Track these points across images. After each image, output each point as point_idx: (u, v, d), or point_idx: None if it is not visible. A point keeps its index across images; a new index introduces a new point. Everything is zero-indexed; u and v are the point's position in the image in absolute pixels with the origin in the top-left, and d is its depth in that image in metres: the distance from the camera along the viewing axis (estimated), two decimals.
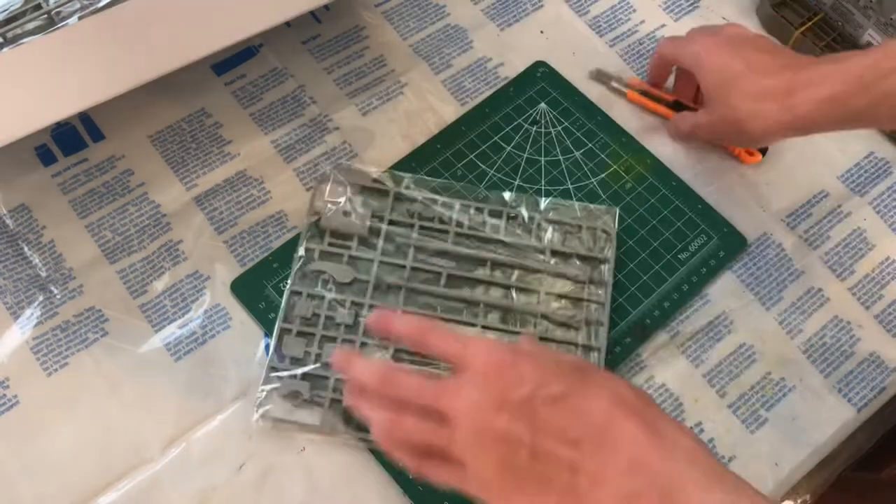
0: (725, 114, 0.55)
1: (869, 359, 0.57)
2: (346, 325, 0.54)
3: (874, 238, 0.60)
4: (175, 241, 0.57)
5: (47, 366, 0.53)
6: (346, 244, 0.56)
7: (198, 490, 0.50)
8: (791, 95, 0.52)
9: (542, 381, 0.39)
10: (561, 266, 0.56)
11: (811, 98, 0.51)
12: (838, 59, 0.52)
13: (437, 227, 0.57)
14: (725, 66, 0.55)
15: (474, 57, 0.66)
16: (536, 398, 0.39)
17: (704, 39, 0.57)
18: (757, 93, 0.53)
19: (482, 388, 0.39)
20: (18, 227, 0.57)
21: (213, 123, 0.62)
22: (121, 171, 0.59)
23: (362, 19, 0.67)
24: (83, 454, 0.51)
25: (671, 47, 0.60)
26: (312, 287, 0.55)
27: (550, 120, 0.63)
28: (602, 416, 0.38)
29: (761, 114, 0.53)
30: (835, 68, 0.51)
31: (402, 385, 0.41)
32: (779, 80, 0.53)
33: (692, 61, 0.58)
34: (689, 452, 0.38)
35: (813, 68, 0.52)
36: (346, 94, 0.63)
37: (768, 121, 0.53)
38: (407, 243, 0.56)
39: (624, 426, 0.38)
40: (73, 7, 0.52)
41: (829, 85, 0.51)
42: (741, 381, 0.55)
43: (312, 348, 0.53)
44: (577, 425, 0.38)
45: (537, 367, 0.40)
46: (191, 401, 0.53)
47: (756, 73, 0.54)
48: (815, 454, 0.54)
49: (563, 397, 0.39)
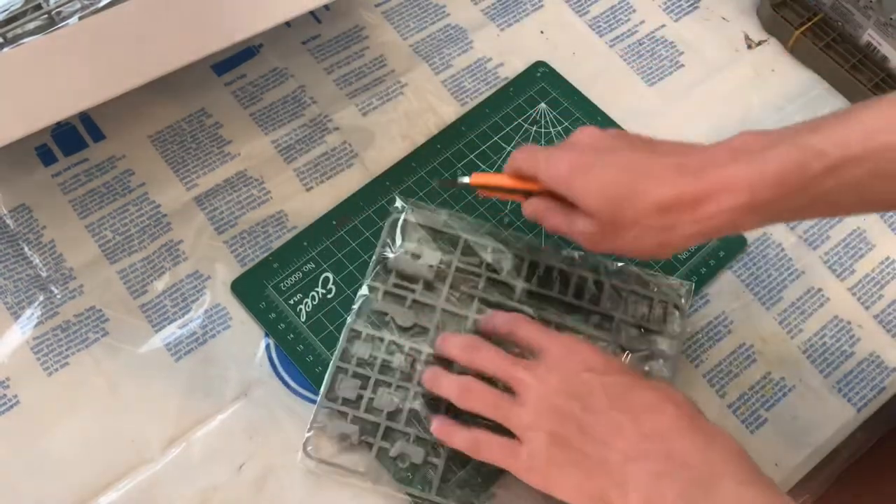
0: (626, 233, 0.45)
1: (869, 359, 0.57)
2: (401, 372, 0.52)
3: (874, 238, 0.60)
4: (175, 241, 0.57)
5: (47, 366, 0.53)
6: (412, 287, 0.54)
7: (198, 490, 0.50)
8: (701, 205, 0.42)
9: (605, 370, 0.45)
10: (628, 339, 0.54)
11: (728, 207, 0.42)
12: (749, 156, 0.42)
13: (505, 280, 0.55)
14: (607, 184, 0.44)
15: (474, 57, 0.66)
16: (595, 382, 0.44)
17: (567, 156, 0.47)
18: (658, 206, 0.43)
19: (552, 369, 0.46)
20: (19, 227, 0.57)
21: (214, 123, 0.62)
22: (121, 171, 0.59)
23: (362, 19, 0.67)
24: (83, 454, 0.51)
25: (525, 163, 0.49)
26: (372, 328, 0.53)
27: (550, 120, 0.63)
28: (649, 405, 0.44)
29: (675, 228, 0.44)
30: (748, 171, 0.41)
31: (483, 355, 0.48)
32: (677, 188, 0.43)
33: (560, 185, 0.47)
34: (727, 449, 0.42)
35: (712, 171, 0.42)
36: (346, 95, 0.64)
37: (687, 233, 0.44)
38: (472, 294, 0.54)
39: (667, 416, 0.43)
40: (73, 7, 0.52)
41: (748, 192, 0.41)
42: (741, 381, 0.55)
43: (366, 391, 0.51)
44: (623, 408, 0.43)
45: (604, 360, 0.46)
46: (191, 401, 0.53)
47: (647, 184, 0.43)
48: (815, 454, 0.54)
49: (619, 385, 0.45)
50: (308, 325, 0.55)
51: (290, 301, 0.55)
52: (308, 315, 0.55)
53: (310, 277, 0.56)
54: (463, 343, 0.50)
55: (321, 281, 0.56)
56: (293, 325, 0.55)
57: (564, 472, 0.43)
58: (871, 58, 0.65)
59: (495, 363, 0.47)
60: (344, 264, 0.57)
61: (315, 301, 0.55)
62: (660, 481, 0.41)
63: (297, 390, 0.53)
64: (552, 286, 0.55)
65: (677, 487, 0.41)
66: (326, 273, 0.56)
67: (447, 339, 0.51)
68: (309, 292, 0.56)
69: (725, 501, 0.40)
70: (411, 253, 0.55)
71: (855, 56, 0.65)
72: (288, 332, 0.54)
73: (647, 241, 0.45)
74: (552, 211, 0.48)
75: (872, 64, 0.65)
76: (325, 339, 0.54)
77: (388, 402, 0.51)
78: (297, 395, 0.53)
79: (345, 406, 0.51)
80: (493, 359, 0.48)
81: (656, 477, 0.41)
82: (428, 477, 0.50)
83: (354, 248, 0.57)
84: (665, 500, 0.40)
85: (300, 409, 0.53)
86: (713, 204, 0.42)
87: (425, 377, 0.50)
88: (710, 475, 0.41)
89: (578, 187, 0.45)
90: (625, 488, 0.42)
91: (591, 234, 0.46)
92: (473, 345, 0.49)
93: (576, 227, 0.47)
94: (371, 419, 0.51)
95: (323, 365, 0.53)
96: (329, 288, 0.56)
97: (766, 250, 0.59)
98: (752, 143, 0.43)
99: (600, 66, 0.66)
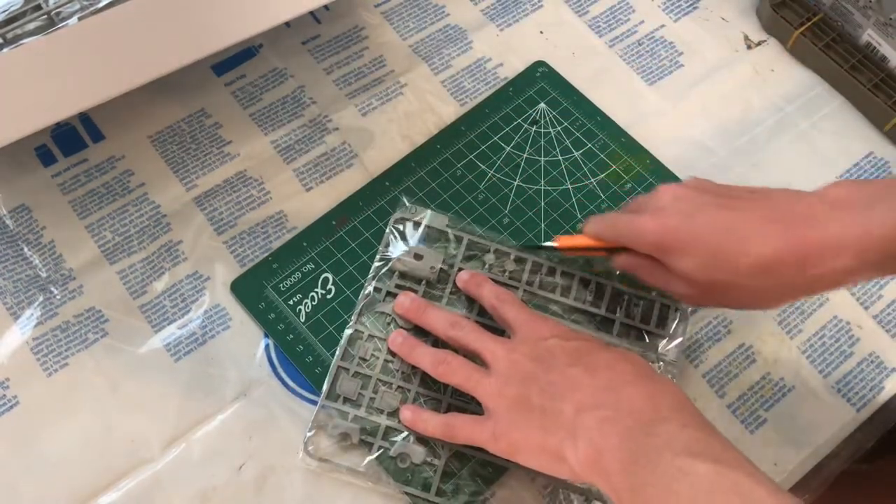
0: (728, 294, 0.45)
1: (868, 359, 0.57)
2: (402, 372, 0.52)
3: None
4: (175, 241, 0.57)
5: (47, 366, 0.53)
6: (414, 288, 0.54)
7: (198, 490, 0.50)
8: (806, 264, 0.42)
9: (566, 337, 0.47)
10: (629, 341, 0.54)
11: (833, 268, 0.41)
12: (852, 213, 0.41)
13: (507, 282, 0.55)
14: (700, 250, 0.44)
15: (474, 57, 0.66)
16: (558, 346, 0.46)
17: (651, 225, 0.46)
18: (760, 268, 0.42)
19: (522, 341, 0.48)
20: (18, 227, 0.57)
21: (213, 124, 0.62)
22: (121, 172, 0.59)
23: (362, 20, 0.67)
24: (83, 454, 0.51)
25: (610, 234, 0.49)
26: (374, 328, 0.53)
27: (550, 120, 0.63)
28: (606, 362, 0.45)
29: (777, 286, 0.43)
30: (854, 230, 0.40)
31: (459, 331, 0.49)
32: (781, 248, 0.42)
33: (651, 252, 0.46)
34: (674, 397, 0.43)
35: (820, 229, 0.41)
36: (345, 95, 0.64)
37: (793, 291, 0.44)
38: None
39: (621, 371, 0.44)
40: (73, 7, 0.52)
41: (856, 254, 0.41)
42: (740, 381, 0.55)
43: (367, 391, 0.52)
44: (581, 365, 0.45)
45: (569, 329, 0.48)
46: (190, 401, 0.53)
47: (745, 243, 0.43)
48: (815, 454, 0.54)
49: (580, 348, 0.46)
50: (307, 325, 0.55)
51: (290, 301, 0.55)
52: (308, 315, 0.55)
53: (309, 278, 0.56)
54: (444, 318, 0.51)
55: (321, 281, 0.56)
56: (293, 326, 0.55)
57: (526, 434, 0.44)
58: (870, 58, 0.65)
59: (471, 337, 0.49)
60: (343, 265, 0.57)
61: (314, 301, 0.55)
62: (606, 426, 0.42)
63: (296, 391, 0.53)
64: (554, 288, 0.55)
65: (621, 430, 0.41)
66: (326, 273, 0.56)
67: (429, 311, 0.52)
68: (308, 293, 0.56)
69: (667, 441, 0.40)
70: (414, 253, 0.55)
71: (854, 56, 0.65)
72: (287, 332, 0.54)
73: (752, 298, 0.45)
74: (645, 269, 0.48)
75: (872, 64, 0.65)
76: (324, 339, 0.54)
77: (389, 403, 0.51)
78: (297, 396, 0.53)
79: (345, 405, 0.51)
80: (469, 333, 0.49)
81: (603, 422, 0.42)
82: (428, 477, 0.50)
83: (354, 248, 0.57)
84: (609, 443, 0.41)
85: (300, 410, 0.53)
86: (818, 265, 0.41)
87: (398, 344, 0.52)
88: (653, 419, 0.42)
89: (670, 258, 0.45)
90: (576, 438, 0.43)
91: (690, 295, 0.47)
92: (453, 320, 0.50)
93: (673, 289, 0.47)
94: (371, 419, 0.51)
95: (322, 365, 0.53)
96: (328, 288, 0.56)
97: None
98: (852, 198, 0.42)
99: (600, 66, 0.66)
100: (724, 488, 0.38)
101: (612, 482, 0.41)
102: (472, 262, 0.55)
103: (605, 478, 0.41)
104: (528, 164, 0.61)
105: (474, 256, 0.56)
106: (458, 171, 0.60)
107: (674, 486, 0.39)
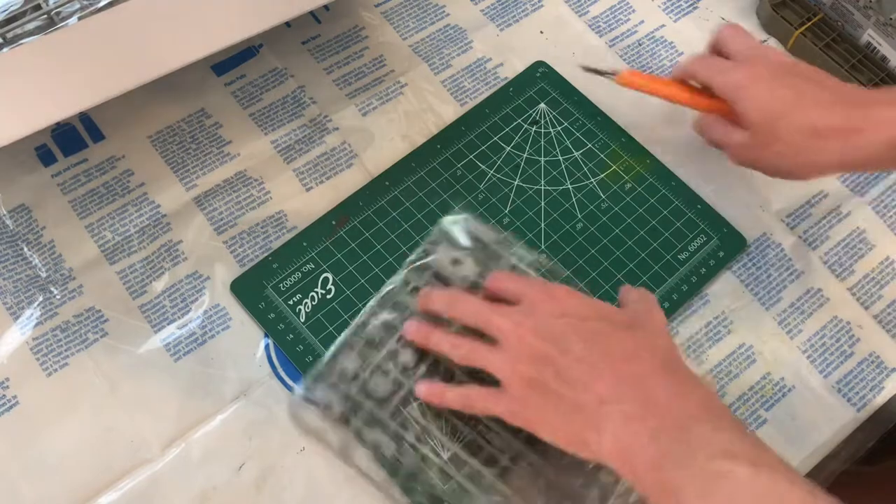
0: (774, 147, 0.51)
1: (868, 359, 0.57)
2: (403, 366, 0.51)
3: (874, 238, 0.60)
4: (175, 241, 0.57)
5: (47, 366, 0.53)
6: None
7: (198, 490, 0.50)
8: (854, 134, 0.49)
9: (583, 316, 0.45)
10: None
11: (878, 140, 0.48)
12: None
13: None
14: (774, 99, 0.51)
15: (474, 57, 0.66)
16: (571, 327, 0.44)
17: (744, 69, 0.52)
18: (812, 129, 0.50)
19: (528, 314, 0.45)
20: (18, 227, 0.57)
21: (213, 124, 0.62)
22: (121, 172, 0.59)
23: (362, 19, 0.67)
24: (83, 454, 0.51)
25: (703, 71, 0.55)
26: (392, 315, 0.52)
27: (550, 120, 0.63)
28: (625, 352, 0.43)
29: (821, 152, 0.50)
30: None
31: (463, 306, 0.48)
32: (837, 117, 0.49)
33: (731, 92, 0.52)
34: (704, 396, 0.42)
35: (875, 108, 0.49)
36: (345, 95, 0.64)
37: (829, 159, 0.50)
38: None
39: (644, 363, 0.43)
40: (73, 7, 0.52)
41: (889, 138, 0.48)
42: (741, 381, 0.55)
43: (364, 373, 0.51)
44: (600, 353, 0.43)
45: (582, 304, 0.46)
46: (190, 401, 0.53)
47: (809, 108, 0.50)
48: (815, 454, 0.54)
49: (596, 332, 0.44)
50: (307, 325, 0.55)
51: (290, 301, 0.55)
52: (307, 315, 0.55)
53: (309, 278, 0.56)
54: (445, 296, 0.49)
55: (321, 281, 0.56)
56: (292, 326, 0.55)
57: (544, 415, 0.44)
58: (870, 58, 0.65)
59: (474, 312, 0.47)
60: (343, 265, 0.57)
61: (314, 301, 0.55)
62: (634, 423, 0.41)
63: None
64: None
65: (649, 428, 0.41)
66: (326, 273, 0.56)
67: (429, 294, 0.50)
68: (308, 293, 0.56)
69: (699, 445, 0.40)
70: (453, 258, 0.54)
71: (855, 56, 0.65)
72: (287, 332, 0.54)
73: (791, 158, 0.51)
74: (717, 123, 0.55)
75: (872, 64, 0.65)
76: (324, 339, 0.54)
77: (379, 389, 0.51)
78: None
79: (340, 379, 0.51)
80: (472, 308, 0.48)
81: (630, 419, 0.41)
82: (428, 477, 0.50)
83: (354, 248, 0.57)
84: (638, 441, 0.41)
85: None
86: (863, 137, 0.48)
87: (413, 331, 0.49)
88: (685, 420, 0.41)
89: (748, 97, 0.51)
90: (600, 431, 0.42)
91: (743, 144, 0.53)
92: (455, 297, 0.49)
93: (732, 138, 0.53)
94: (361, 400, 0.50)
95: None
96: (328, 288, 0.56)
97: (766, 250, 0.59)
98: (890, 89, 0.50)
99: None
100: (763, 491, 0.38)
101: (639, 477, 0.41)
102: None
103: (633, 473, 0.41)
104: (528, 164, 0.61)
105: None
106: (458, 171, 0.60)
107: (711, 487, 0.38)
